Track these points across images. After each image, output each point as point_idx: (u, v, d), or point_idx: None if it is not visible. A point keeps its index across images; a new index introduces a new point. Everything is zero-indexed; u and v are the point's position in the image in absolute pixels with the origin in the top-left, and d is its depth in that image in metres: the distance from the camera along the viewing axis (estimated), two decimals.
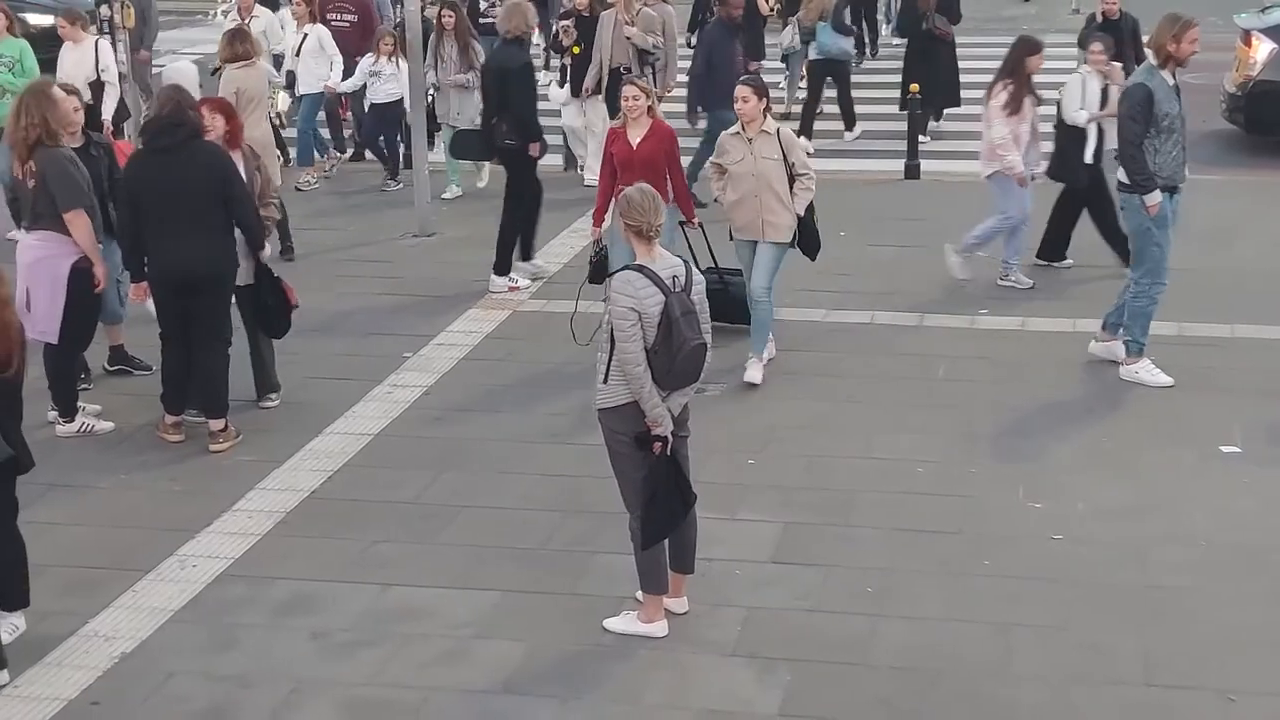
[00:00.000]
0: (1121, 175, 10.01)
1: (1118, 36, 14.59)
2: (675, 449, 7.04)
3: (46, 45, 15.39)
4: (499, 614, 7.44)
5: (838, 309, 11.61)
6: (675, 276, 6.94)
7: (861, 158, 16.28)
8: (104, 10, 16.66)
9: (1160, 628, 7.24)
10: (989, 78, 12.27)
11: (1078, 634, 7.20)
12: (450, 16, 14.67)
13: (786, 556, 7.93)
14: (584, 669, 6.97)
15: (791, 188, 9.97)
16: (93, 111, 12.79)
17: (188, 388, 9.45)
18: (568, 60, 15.37)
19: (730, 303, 10.64)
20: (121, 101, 14.17)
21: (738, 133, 9.99)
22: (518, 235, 12.37)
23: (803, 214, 10.04)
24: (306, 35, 15.57)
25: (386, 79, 15.30)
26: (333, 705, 6.74)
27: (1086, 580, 7.67)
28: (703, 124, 14.20)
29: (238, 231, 9.37)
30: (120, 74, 14.91)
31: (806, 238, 10.20)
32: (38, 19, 19.05)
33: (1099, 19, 15.14)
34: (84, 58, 13.73)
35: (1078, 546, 8.02)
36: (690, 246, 10.43)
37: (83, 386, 9.97)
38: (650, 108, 10.26)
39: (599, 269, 10.20)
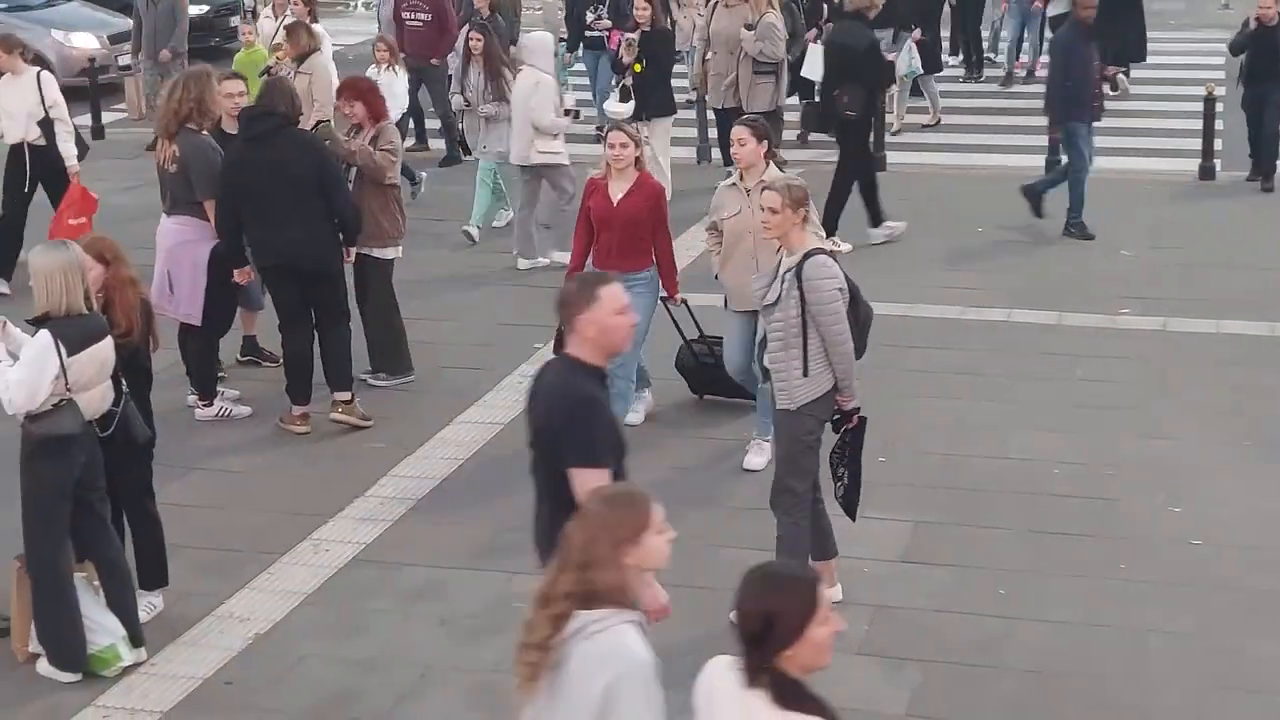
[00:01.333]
0: None
1: (1272, 43, 14.14)
2: None
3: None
4: None
5: (975, 306, 11.44)
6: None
7: (1000, 153, 16.03)
8: None
9: None
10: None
11: (1216, 640, 7.02)
12: (478, 40, 13.15)
13: (917, 556, 7.83)
14: (707, 663, 6.92)
15: None
16: (47, 153, 12.19)
17: (312, 376, 9.56)
18: (629, 79, 13.88)
19: (725, 376, 9.23)
20: (79, 138, 12.71)
21: (734, 183, 8.64)
22: (844, 203, 12.83)
23: None
24: None
25: (382, 90, 13.76)
26: (460, 691, 6.78)
27: (1226, 585, 7.48)
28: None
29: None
30: (271, 63, 14.87)
31: None
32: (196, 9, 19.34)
33: (1252, 24, 14.37)
34: (25, 92, 12.15)
35: (1218, 551, 7.83)
36: (674, 319, 9.50)
37: (220, 374, 10.13)
38: (638, 159, 8.93)
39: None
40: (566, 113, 12.69)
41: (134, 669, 6.89)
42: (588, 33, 16.95)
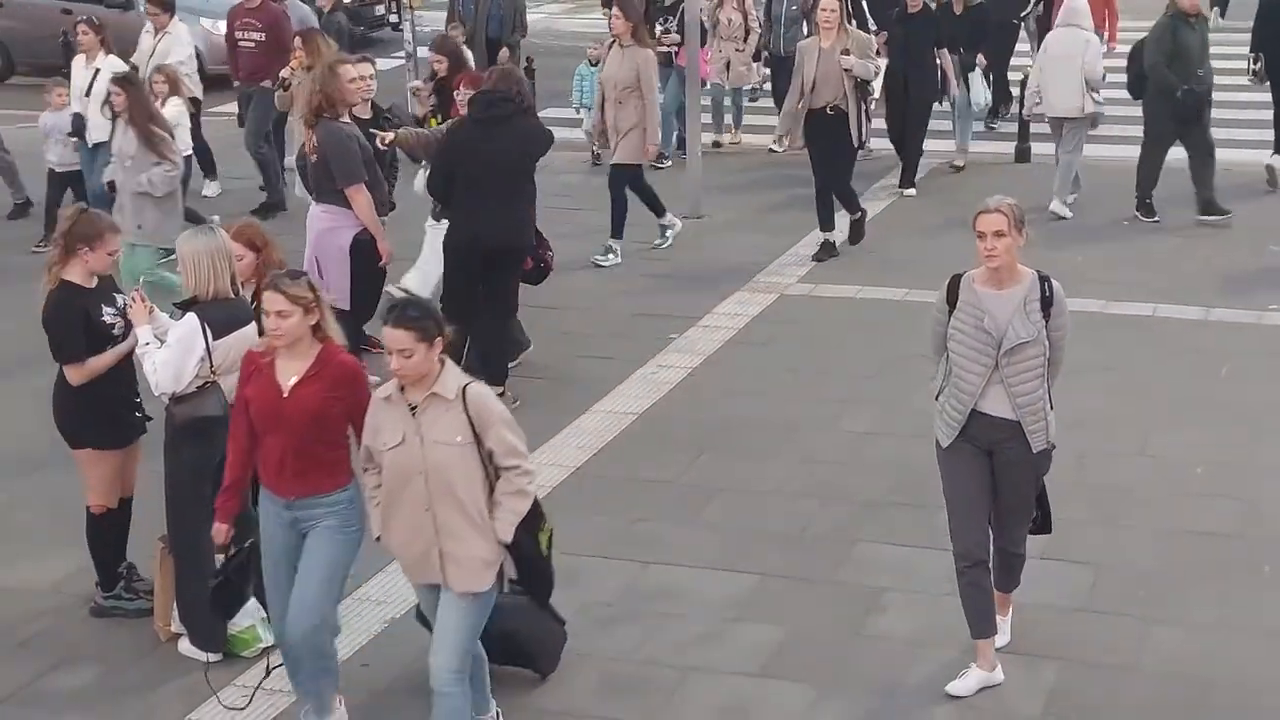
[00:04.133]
0: None
1: None
2: None
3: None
4: (757, 598, 7.42)
5: (1117, 300, 11.26)
6: None
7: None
8: None
9: None
10: None
11: None
12: (120, 95, 10.30)
13: (1055, 554, 7.70)
14: (842, 658, 6.90)
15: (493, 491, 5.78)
16: None
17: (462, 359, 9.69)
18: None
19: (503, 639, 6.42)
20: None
21: (389, 395, 5.80)
22: None
23: (509, 540, 5.79)
24: (99, 71, 12.57)
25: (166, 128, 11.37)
26: (593, 679, 6.81)
27: None
28: None
29: None
30: (286, 72, 12.75)
31: (531, 575, 6.04)
32: None
33: None
34: None
35: None
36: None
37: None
38: (317, 326, 5.99)
39: (230, 591, 6.36)
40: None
41: (273, 650, 6.99)
42: (658, 48, 15.33)
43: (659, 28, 15.86)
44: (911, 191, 14.38)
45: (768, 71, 16.71)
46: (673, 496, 8.48)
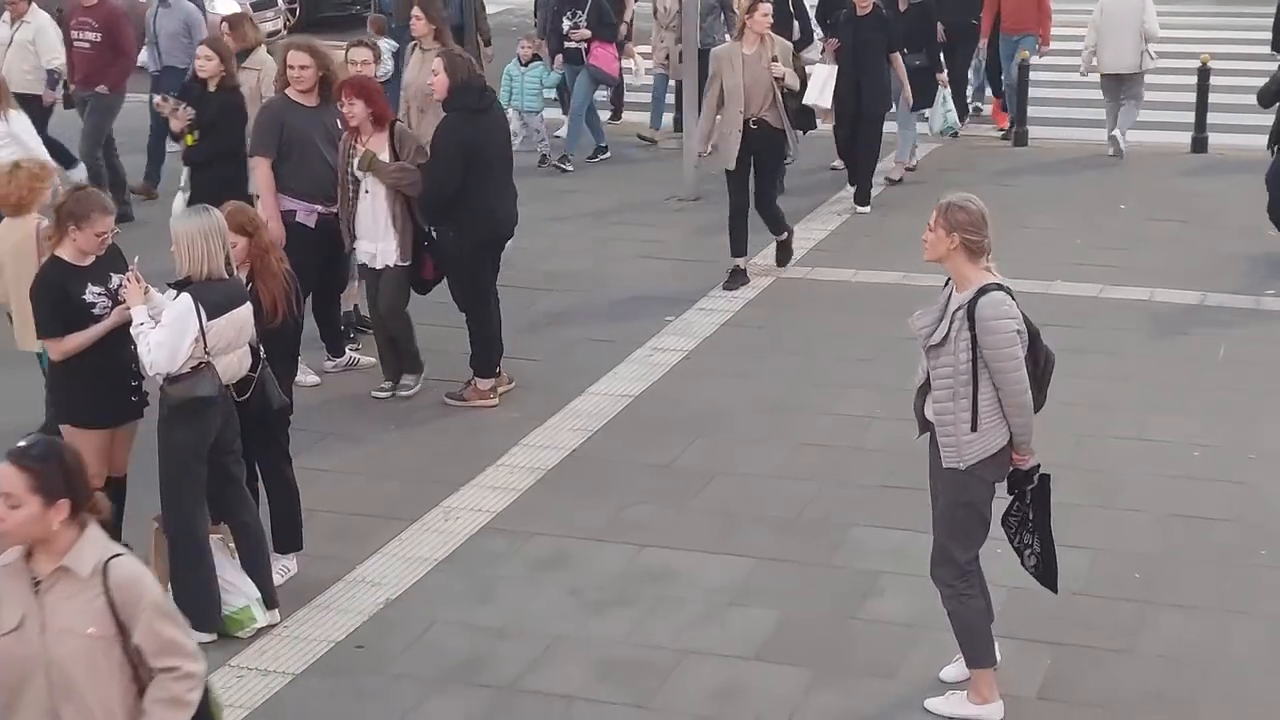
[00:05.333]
0: None
1: None
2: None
3: None
4: (752, 582, 7.40)
5: (1115, 285, 11.24)
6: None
7: (1146, 129, 15.69)
8: None
9: None
10: None
11: None
12: None
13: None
14: (837, 641, 6.89)
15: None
16: None
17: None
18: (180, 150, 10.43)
19: None
20: None
21: (10, 563, 4.40)
22: None
23: None
24: None
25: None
26: (587, 663, 6.80)
27: None
28: None
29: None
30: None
31: None
32: None
33: None
34: None
35: None
36: None
37: (353, 347, 10.22)
38: None
39: None
40: None
41: (267, 631, 7.00)
42: (565, 44, 15.04)
43: (566, 22, 14.93)
44: (866, 209, 13.23)
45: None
46: (668, 480, 8.46)
